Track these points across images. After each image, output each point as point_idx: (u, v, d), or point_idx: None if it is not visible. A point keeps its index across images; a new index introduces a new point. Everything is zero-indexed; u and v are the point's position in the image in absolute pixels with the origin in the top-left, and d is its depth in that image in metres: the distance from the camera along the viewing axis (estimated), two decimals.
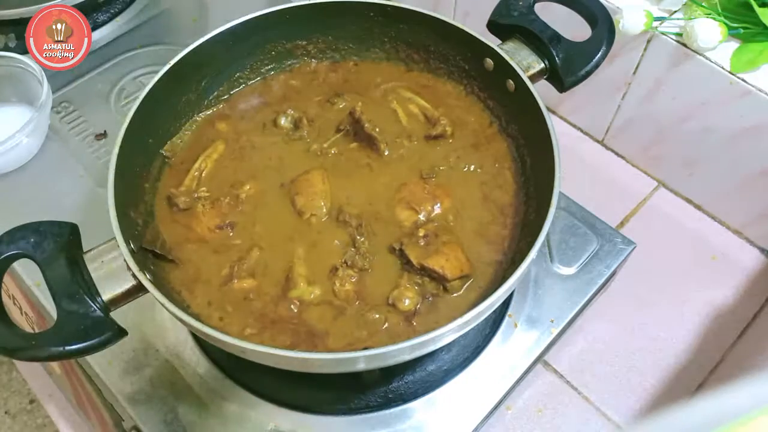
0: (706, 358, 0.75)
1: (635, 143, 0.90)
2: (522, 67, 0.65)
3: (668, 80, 0.80)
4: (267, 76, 0.77)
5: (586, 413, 0.71)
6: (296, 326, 0.58)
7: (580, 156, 0.93)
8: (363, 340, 0.57)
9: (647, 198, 0.89)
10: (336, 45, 0.77)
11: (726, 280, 0.81)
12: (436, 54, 0.74)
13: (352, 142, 0.70)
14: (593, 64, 0.65)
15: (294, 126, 0.71)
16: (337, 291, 0.59)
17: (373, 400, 0.64)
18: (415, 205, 0.64)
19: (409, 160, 0.69)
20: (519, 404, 0.71)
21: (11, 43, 0.92)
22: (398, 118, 0.72)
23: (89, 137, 0.86)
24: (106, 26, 0.97)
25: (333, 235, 0.63)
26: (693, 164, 0.85)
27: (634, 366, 0.75)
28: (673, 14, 0.79)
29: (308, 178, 0.66)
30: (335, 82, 0.77)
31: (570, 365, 0.74)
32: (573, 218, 0.75)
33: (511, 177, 0.68)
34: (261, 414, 0.63)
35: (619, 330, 0.77)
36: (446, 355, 0.67)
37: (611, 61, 0.82)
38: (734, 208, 0.84)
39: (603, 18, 0.66)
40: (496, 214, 0.65)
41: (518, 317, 0.68)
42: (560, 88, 0.67)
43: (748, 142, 0.76)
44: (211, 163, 0.69)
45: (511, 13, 0.68)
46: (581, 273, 0.71)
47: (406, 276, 0.60)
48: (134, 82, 0.91)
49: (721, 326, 0.78)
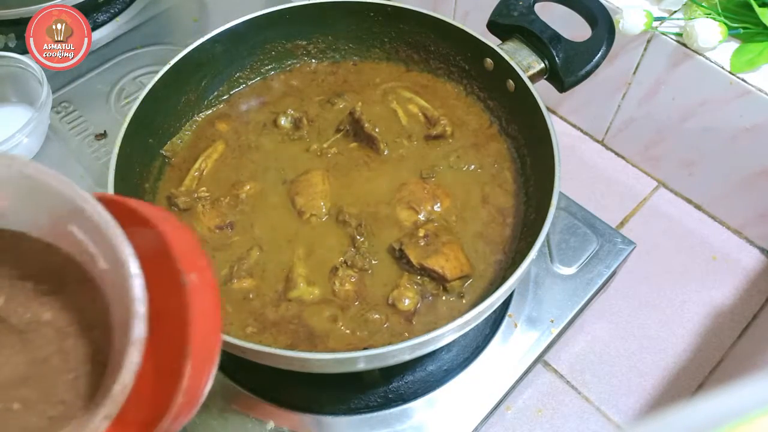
0: (706, 358, 0.75)
1: (635, 143, 0.90)
2: (522, 67, 0.65)
3: (668, 80, 0.80)
4: (267, 76, 0.77)
5: (586, 413, 0.71)
6: (296, 326, 0.58)
7: (580, 156, 0.93)
8: (363, 340, 0.57)
9: (647, 198, 0.89)
10: (336, 45, 0.77)
11: (726, 280, 0.81)
12: (436, 54, 0.74)
13: (352, 142, 0.70)
14: (593, 64, 0.65)
15: (294, 126, 0.71)
16: (337, 291, 0.59)
17: (373, 400, 0.64)
18: (415, 205, 0.64)
19: (409, 160, 0.69)
20: (519, 404, 0.71)
21: (11, 43, 0.92)
22: (398, 118, 0.72)
23: (89, 137, 0.86)
24: (106, 26, 0.98)
25: (333, 235, 0.63)
26: (693, 164, 0.85)
27: (634, 366, 0.75)
28: (673, 14, 0.79)
29: (308, 178, 0.66)
30: (335, 82, 0.77)
31: (570, 365, 0.74)
32: (573, 218, 0.75)
33: (511, 177, 0.68)
34: (261, 414, 0.63)
35: (619, 330, 0.77)
36: (446, 355, 0.67)
37: (611, 61, 0.82)
38: (734, 208, 0.84)
39: (603, 18, 0.66)
40: (496, 214, 0.65)
41: (518, 317, 0.68)
42: (560, 88, 0.67)
43: (747, 142, 0.76)
44: (211, 163, 0.69)
45: (511, 13, 0.68)
46: (581, 273, 0.71)
47: (406, 276, 0.60)
48: (134, 82, 0.91)
49: (721, 326, 0.78)
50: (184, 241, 0.34)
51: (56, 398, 0.32)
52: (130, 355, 0.29)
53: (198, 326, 0.32)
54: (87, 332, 0.33)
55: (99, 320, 0.33)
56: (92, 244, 0.32)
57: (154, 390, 0.32)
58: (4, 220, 0.34)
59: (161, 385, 0.32)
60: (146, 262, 0.31)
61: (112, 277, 0.32)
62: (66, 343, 0.33)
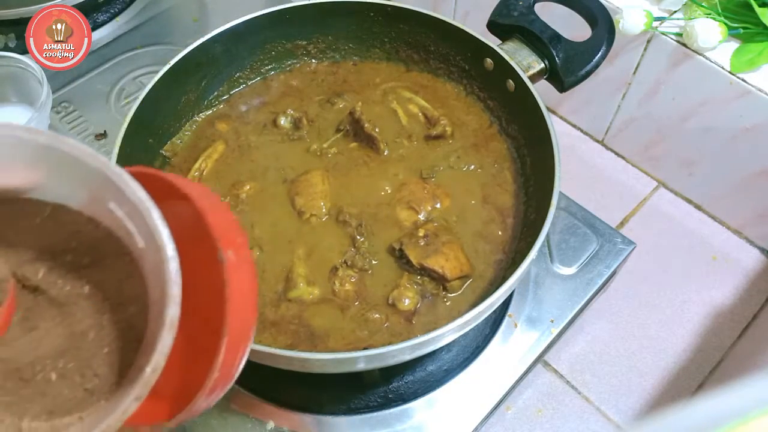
0: (706, 358, 0.75)
1: (635, 143, 0.90)
2: (522, 67, 0.65)
3: (668, 80, 0.80)
4: (267, 76, 0.77)
5: (586, 413, 0.71)
6: (296, 326, 0.58)
7: (580, 156, 0.93)
8: (363, 340, 0.57)
9: (647, 198, 0.89)
10: (336, 45, 0.77)
11: (726, 280, 0.81)
12: (436, 54, 0.74)
13: (351, 142, 0.70)
14: (593, 64, 0.65)
15: (294, 126, 0.71)
16: (337, 291, 0.59)
17: (373, 400, 0.64)
18: (415, 205, 0.64)
19: (409, 160, 0.69)
20: (519, 404, 0.71)
21: (11, 43, 0.92)
22: (398, 118, 0.72)
23: (89, 137, 0.86)
24: (106, 26, 0.97)
25: (333, 235, 0.63)
26: (693, 164, 0.85)
27: (634, 366, 0.75)
28: (673, 14, 0.79)
29: (308, 179, 0.66)
30: (335, 82, 0.77)
31: (570, 365, 0.74)
32: (573, 218, 0.75)
33: (511, 177, 0.68)
34: (261, 414, 0.63)
35: (619, 330, 0.77)
36: (446, 355, 0.67)
37: (611, 61, 0.82)
38: (734, 208, 0.84)
39: (603, 18, 0.66)
40: (496, 214, 0.65)
41: (518, 317, 0.68)
42: (560, 88, 0.67)
43: (747, 142, 0.76)
44: (211, 163, 0.69)
45: (511, 13, 0.68)
46: (581, 273, 0.71)
47: (406, 276, 0.60)
48: (134, 82, 0.91)
49: (721, 326, 0.78)
50: (221, 217, 0.34)
51: (92, 371, 0.33)
52: (163, 337, 0.29)
53: (235, 303, 0.32)
54: (124, 308, 0.34)
55: (136, 297, 0.34)
56: (130, 222, 0.32)
57: (189, 365, 0.32)
58: (44, 192, 0.34)
59: (196, 361, 0.33)
60: (183, 238, 0.31)
61: (149, 256, 0.32)
62: (103, 317, 0.34)
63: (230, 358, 0.33)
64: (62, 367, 0.33)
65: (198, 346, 0.33)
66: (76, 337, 0.33)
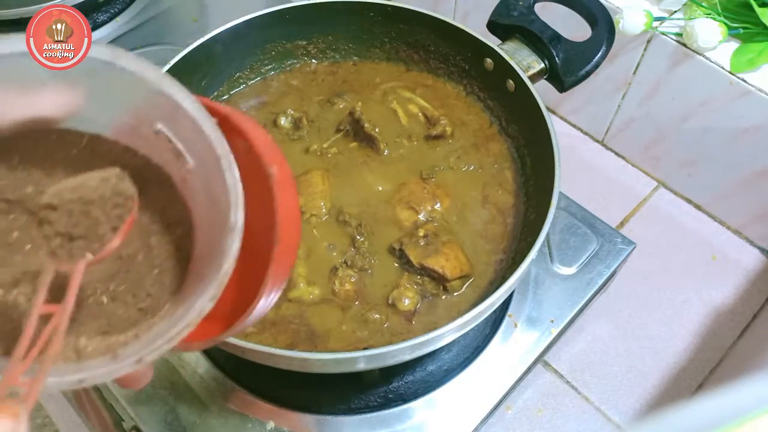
0: (706, 358, 0.75)
1: (635, 143, 0.90)
2: (522, 67, 0.65)
3: (668, 80, 0.80)
4: (267, 76, 0.77)
5: (586, 413, 0.71)
6: (296, 326, 0.58)
7: (580, 156, 0.93)
8: (363, 340, 0.57)
9: (647, 198, 0.89)
10: (336, 45, 0.77)
11: (726, 280, 0.81)
12: (436, 54, 0.74)
13: (351, 142, 0.70)
14: (593, 64, 0.65)
15: (294, 126, 0.71)
16: (337, 291, 0.59)
17: (373, 400, 0.64)
18: (415, 204, 0.64)
19: (409, 160, 0.69)
20: (519, 404, 0.71)
21: None
22: (398, 118, 0.72)
23: None
24: (106, 26, 0.97)
25: (333, 235, 0.63)
26: (693, 164, 0.85)
27: (634, 366, 0.75)
28: (673, 14, 0.79)
29: (308, 178, 0.66)
30: (335, 82, 0.77)
31: (570, 365, 0.74)
32: (573, 218, 0.75)
33: (511, 177, 0.68)
34: (261, 414, 0.63)
35: (619, 330, 0.77)
36: (446, 355, 0.67)
37: (611, 61, 0.82)
38: (734, 208, 0.84)
39: (603, 18, 0.66)
40: (496, 214, 0.65)
41: (518, 317, 0.68)
42: (560, 88, 0.67)
43: (747, 142, 0.76)
44: None
45: (511, 13, 0.68)
46: (581, 273, 0.71)
47: (406, 276, 0.60)
48: None
49: (721, 326, 0.78)
50: (263, 137, 0.36)
51: (144, 292, 0.34)
52: (232, 242, 0.31)
53: (283, 214, 0.34)
54: (169, 230, 0.35)
55: (180, 220, 0.35)
56: (180, 142, 0.33)
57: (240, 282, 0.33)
58: (79, 122, 0.34)
59: (247, 275, 0.34)
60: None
61: (198, 175, 0.34)
62: (150, 239, 0.35)
63: (281, 269, 0.35)
64: (113, 290, 0.34)
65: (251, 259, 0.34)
66: (124, 261, 0.34)
